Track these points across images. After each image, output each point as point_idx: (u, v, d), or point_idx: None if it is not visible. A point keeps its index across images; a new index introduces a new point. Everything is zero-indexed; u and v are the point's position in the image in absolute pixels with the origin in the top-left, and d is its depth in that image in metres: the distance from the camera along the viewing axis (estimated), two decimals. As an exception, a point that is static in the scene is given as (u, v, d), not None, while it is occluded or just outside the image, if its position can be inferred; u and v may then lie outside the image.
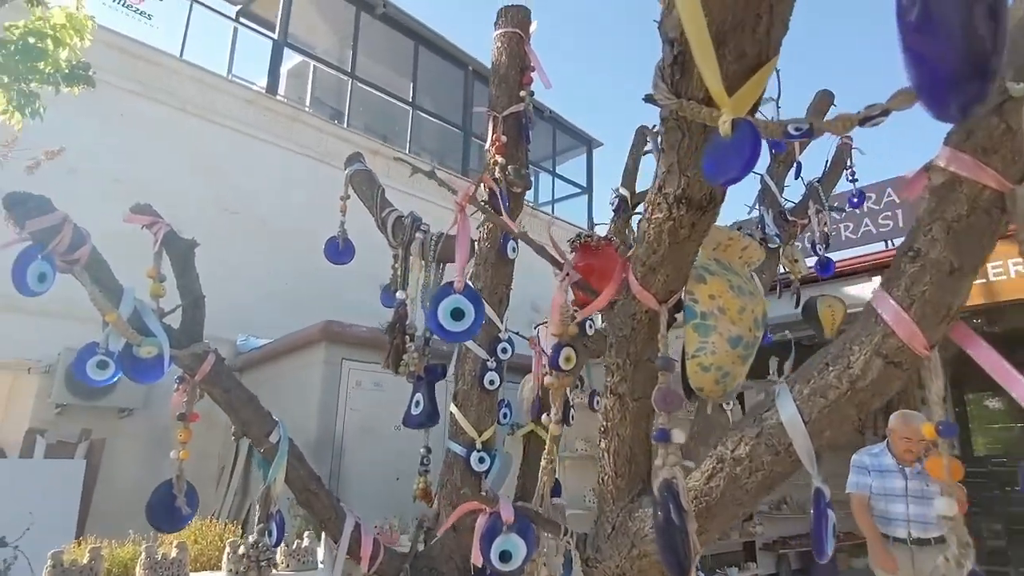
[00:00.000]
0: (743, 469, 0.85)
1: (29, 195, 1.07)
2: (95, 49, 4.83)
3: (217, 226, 7.18)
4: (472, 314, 1.12)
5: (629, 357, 0.97)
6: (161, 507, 1.33)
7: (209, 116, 7.49)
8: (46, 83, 4.20)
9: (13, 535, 3.49)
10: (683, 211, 0.79)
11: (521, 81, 1.97)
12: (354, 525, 1.61)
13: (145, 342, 1.24)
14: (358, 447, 6.00)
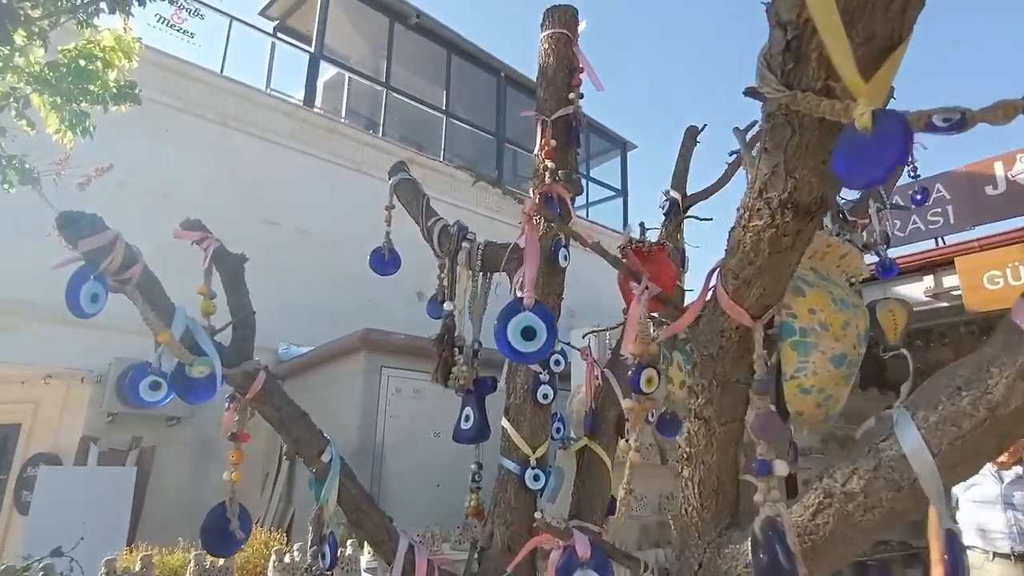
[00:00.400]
0: (857, 506, 0.75)
1: (81, 214, 1.04)
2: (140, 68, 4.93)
3: (258, 237, 7.28)
4: (544, 333, 1.04)
5: (716, 378, 0.87)
6: (215, 531, 1.29)
7: (249, 130, 7.61)
8: (96, 103, 4.29)
9: (67, 543, 3.54)
10: (788, 217, 0.70)
11: (570, 83, 1.89)
12: (408, 546, 1.54)
13: (197, 362, 1.19)
14: (398, 454, 5.99)
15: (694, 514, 0.95)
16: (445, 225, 2.06)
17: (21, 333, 5.98)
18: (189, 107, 7.23)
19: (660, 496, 6.19)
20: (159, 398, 1.19)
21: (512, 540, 1.67)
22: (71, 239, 1.01)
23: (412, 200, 2.15)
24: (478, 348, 1.97)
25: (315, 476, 1.45)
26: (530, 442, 1.75)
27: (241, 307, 1.37)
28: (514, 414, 1.78)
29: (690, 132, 2.49)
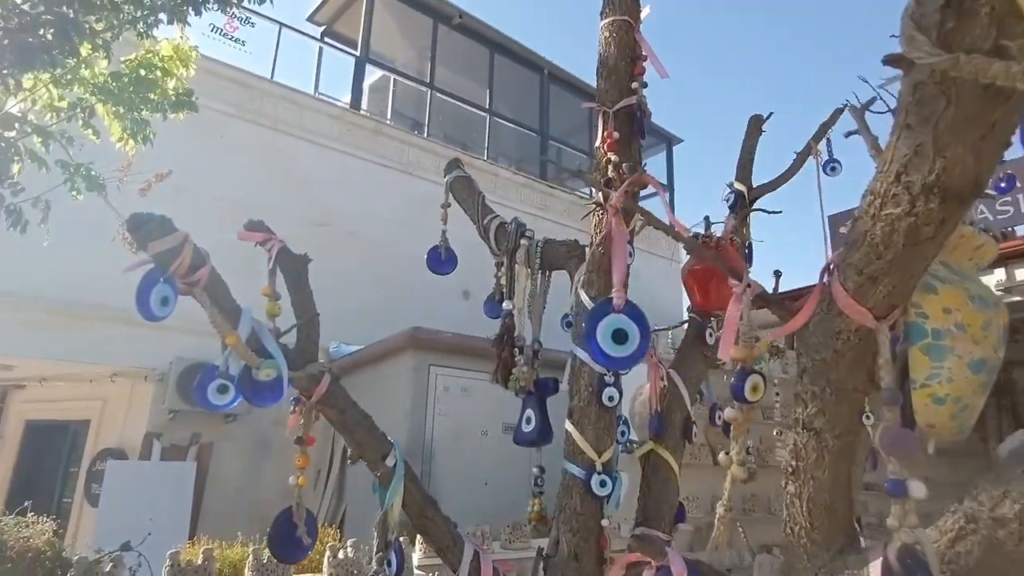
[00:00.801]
0: (1009, 534, 0.65)
1: (151, 215, 1.02)
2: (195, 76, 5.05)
3: (308, 239, 7.35)
4: (637, 336, 0.96)
5: (829, 386, 0.78)
6: (283, 538, 1.26)
7: (299, 133, 7.75)
8: (155, 111, 4.40)
9: (134, 535, 3.64)
10: (933, 204, 0.60)
11: (632, 72, 1.80)
12: (473, 553, 1.49)
13: (264, 365, 1.17)
14: (447, 452, 5.99)
15: (803, 535, 0.85)
16: (502, 223, 2.01)
17: (90, 334, 6.23)
18: (242, 113, 7.40)
19: (712, 497, 6.04)
20: (227, 401, 1.17)
21: (579, 548, 1.60)
22: (141, 241, 0.99)
23: (467, 198, 2.10)
24: (538, 348, 1.91)
25: (379, 480, 1.42)
26: (595, 446, 1.67)
27: (306, 308, 1.34)
28: (578, 417, 1.71)
29: (755, 121, 2.36)
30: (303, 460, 1.30)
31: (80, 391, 7.08)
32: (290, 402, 1.35)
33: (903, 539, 0.65)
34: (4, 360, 6.43)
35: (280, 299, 1.31)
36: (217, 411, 1.18)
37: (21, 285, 6.00)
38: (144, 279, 1.00)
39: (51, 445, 7.29)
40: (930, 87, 0.56)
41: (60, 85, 4.11)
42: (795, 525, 0.87)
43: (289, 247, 1.41)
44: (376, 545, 1.40)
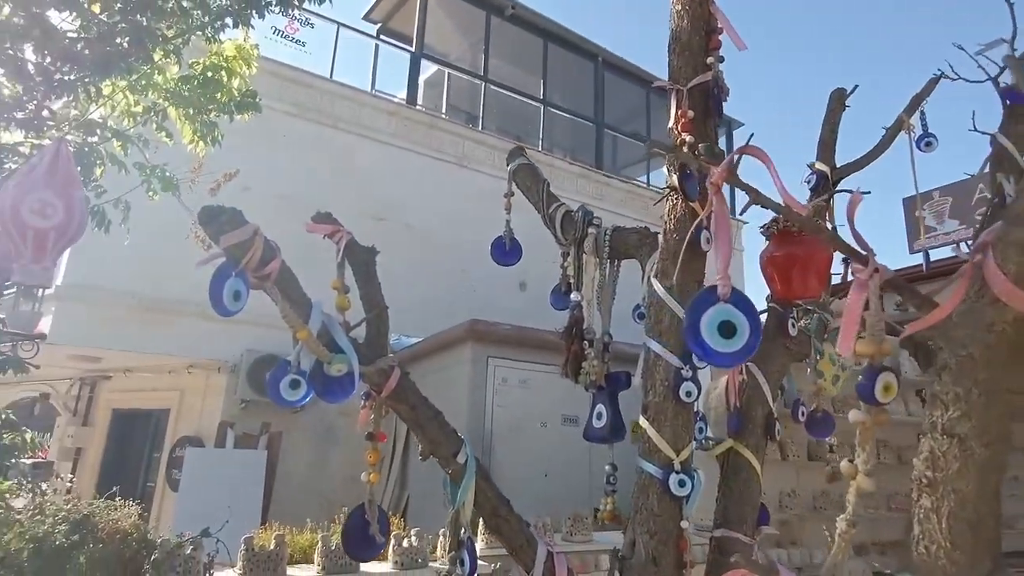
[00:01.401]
0: None
1: (222, 208, 1.00)
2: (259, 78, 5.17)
3: (368, 233, 7.43)
4: (746, 329, 0.86)
5: (977, 386, 0.67)
6: (356, 535, 1.24)
7: (357, 130, 7.87)
8: (222, 112, 4.52)
9: (211, 519, 3.77)
10: None
11: (707, 46, 1.68)
12: (547, 554, 1.42)
13: (335, 359, 1.13)
14: (506, 444, 5.97)
15: (941, 555, 0.74)
16: (569, 211, 1.93)
17: (168, 328, 6.53)
18: (302, 112, 7.57)
19: (781, 493, 5.79)
20: (299, 397, 1.15)
21: (657, 551, 1.51)
22: (213, 235, 0.97)
23: (532, 186, 2.03)
24: (608, 341, 1.82)
25: (450, 477, 1.37)
26: (673, 444, 1.58)
27: (375, 301, 1.30)
28: (654, 413, 1.62)
29: (837, 95, 2.18)
30: (374, 456, 1.26)
31: (160, 382, 7.46)
32: (359, 395, 1.32)
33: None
34: (92, 352, 6.83)
35: (349, 292, 1.27)
36: (290, 407, 1.16)
37: (107, 282, 6.35)
38: (216, 274, 0.98)
39: (136, 432, 7.71)
40: None
41: (136, 91, 4.27)
42: (931, 544, 0.76)
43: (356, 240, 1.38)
44: (448, 544, 1.35)
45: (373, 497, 1.28)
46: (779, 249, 1.73)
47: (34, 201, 2.19)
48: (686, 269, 1.61)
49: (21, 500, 3.48)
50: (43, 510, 3.46)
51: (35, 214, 2.18)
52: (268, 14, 4.37)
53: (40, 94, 3.49)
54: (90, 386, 7.95)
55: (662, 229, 1.69)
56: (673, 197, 1.64)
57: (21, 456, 4.10)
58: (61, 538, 3.42)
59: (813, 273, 1.74)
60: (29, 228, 2.17)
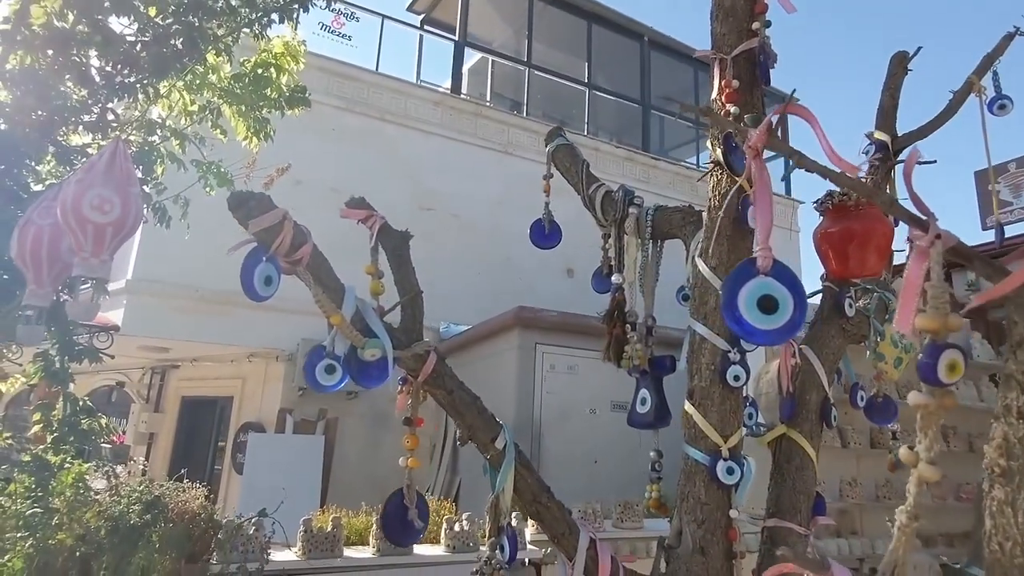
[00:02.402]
0: None
1: (251, 194, 1.00)
2: (307, 73, 5.25)
3: (416, 223, 7.53)
4: (790, 304, 0.80)
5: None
6: (395, 521, 1.24)
7: (403, 121, 7.93)
8: (273, 107, 4.62)
9: (272, 502, 3.90)
10: None
11: (752, 11, 1.57)
12: (589, 541, 1.39)
13: (368, 344, 1.13)
14: (555, 430, 5.95)
15: (1017, 552, 0.66)
16: (609, 191, 1.86)
17: (229, 318, 6.79)
18: (350, 105, 7.68)
19: (841, 482, 5.57)
20: (334, 382, 1.14)
21: (704, 540, 1.45)
22: (242, 220, 0.97)
23: (571, 167, 1.97)
24: (652, 324, 1.76)
25: (489, 463, 1.35)
26: (720, 430, 1.51)
27: (409, 285, 1.28)
28: (699, 398, 1.55)
29: (898, 59, 2.02)
30: (412, 441, 1.25)
31: (224, 370, 7.78)
32: (398, 381, 1.31)
33: None
34: (161, 343, 7.19)
35: (383, 277, 1.26)
36: (325, 391, 1.15)
37: (172, 275, 6.65)
38: (247, 259, 0.98)
39: (203, 418, 8.09)
40: None
41: (191, 90, 4.41)
42: (1006, 540, 0.68)
43: (399, 227, 1.37)
44: (488, 530, 1.33)
45: (412, 482, 1.28)
46: (834, 224, 1.62)
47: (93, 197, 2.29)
48: (732, 247, 1.53)
49: (100, 482, 3.69)
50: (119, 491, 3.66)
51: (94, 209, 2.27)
52: (312, 8, 4.43)
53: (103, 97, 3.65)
54: (160, 375, 8.38)
55: (706, 207, 1.61)
56: (717, 172, 1.56)
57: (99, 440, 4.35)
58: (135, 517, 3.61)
59: (872, 249, 1.63)
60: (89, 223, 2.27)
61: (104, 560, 3.40)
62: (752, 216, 1.53)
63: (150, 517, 3.67)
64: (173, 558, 3.47)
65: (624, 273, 1.75)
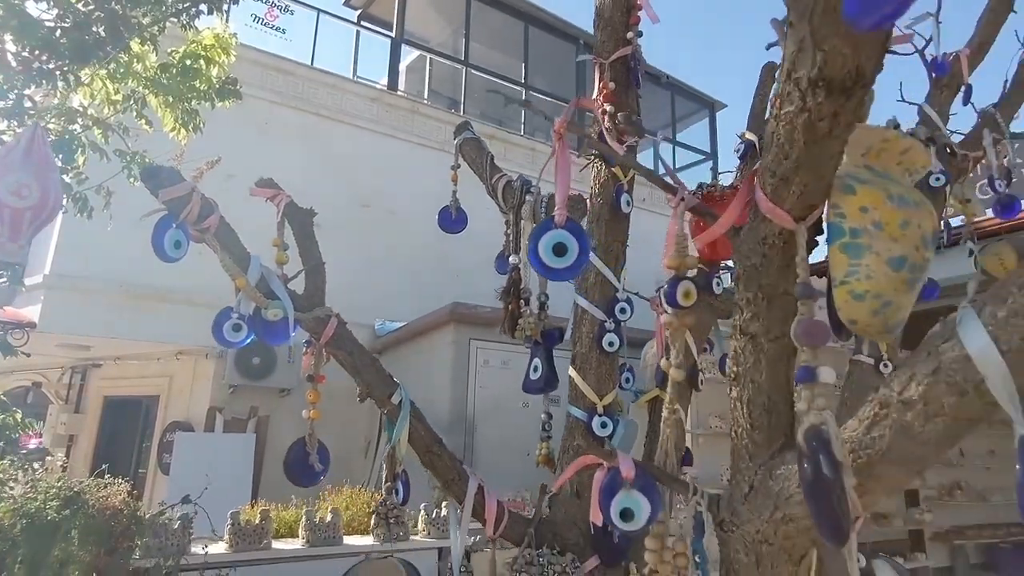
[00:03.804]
0: (916, 415, 0.68)
1: (161, 167, 1.14)
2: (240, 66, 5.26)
3: (353, 221, 7.64)
4: (575, 249, 1.03)
5: (761, 290, 0.82)
6: (297, 465, 1.40)
7: (339, 117, 7.97)
8: (203, 99, 4.63)
9: (204, 504, 3.92)
10: (821, 97, 0.64)
11: (627, 22, 1.82)
12: (477, 487, 1.59)
13: (271, 305, 1.29)
14: (488, 424, 6.15)
15: (744, 436, 0.90)
16: (509, 180, 2.07)
17: (155, 315, 6.67)
18: (284, 100, 7.66)
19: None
20: (240, 339, 1.30)
21: (580, 486, 1.68)
22: (153, 190, 1.11)
23: (477, 159, 2.17)
24: (545, 300, 1.97)
25: (387, 417, 1.53)
26: (597, 390, 1.74)
27: (312, 257, 1.45)
28: (580, 363, 1.78)
29: (768, 69, 2.32)
30: (314, 396, 1.42)
31: (150, 369, 7.60)
32: (303, 343, 1.47)
33: (811, 421, 0.69)
34: (82, 341, 6.97)
35: (288, 249, 1.42)
36: (232, 347, 1.31)
37: (94, 271, 6.48)
38: (158, 224, 1.13)
39: (127, 419, 7.87)
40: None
41: (115, 79, 4.37)
42: (738, 428, 0.92)
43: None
44: (385, 476, 1.51)
45: (313, 432, 1.44)
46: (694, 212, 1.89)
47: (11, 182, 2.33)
48: (608, 229, 1.77)
49: (19, 488, 3.62)
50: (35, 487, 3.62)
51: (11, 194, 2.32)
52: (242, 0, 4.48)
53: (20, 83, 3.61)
54: (81, 374, 8.10)
55: (590, 193, 1.84)
56: (597, 164, 1.79)
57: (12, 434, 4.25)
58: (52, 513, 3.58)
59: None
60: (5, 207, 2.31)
61: (20, 555, 3.37)
62: (625, 203, 1.78)
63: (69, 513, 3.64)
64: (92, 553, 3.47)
65: (520, 254, 1.96)
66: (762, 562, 0.86)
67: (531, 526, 1.63)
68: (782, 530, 0.83)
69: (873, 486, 0.76)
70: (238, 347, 1.32)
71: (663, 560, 0.86)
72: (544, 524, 1.67)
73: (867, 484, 0.75)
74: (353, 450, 7.36)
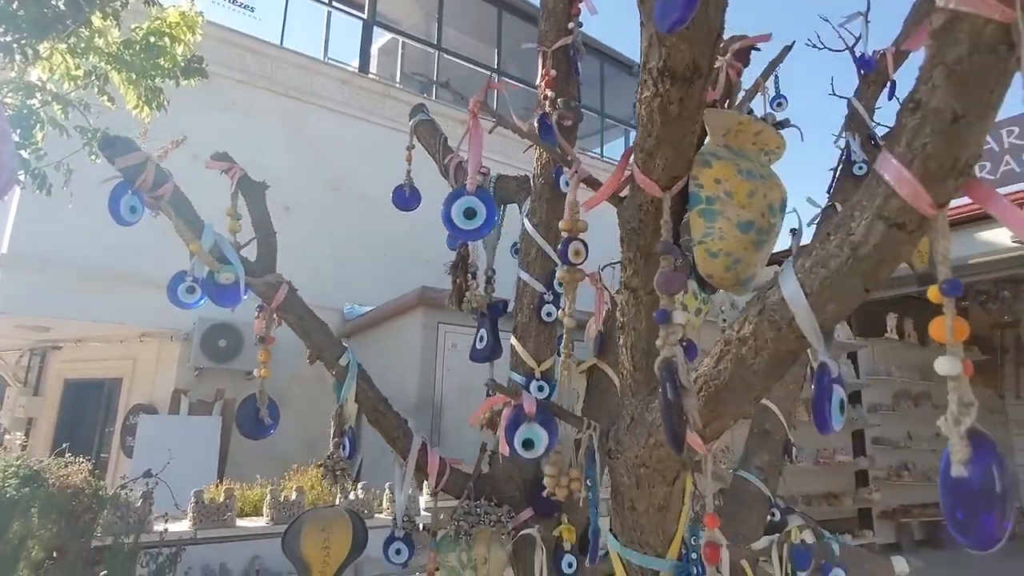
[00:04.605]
0: (748, 349, 0.85)
1: (118, 137, 1.25)
2: (207, 44, 5.27)
3: (323, 204, 7.69)
4: (483, 213, 1.18)
5: (639, 250, 0.98)
6: (248, 419, 1.53)
7: (309, 99, 7.98)
8: (167, 77, 4.64)
9: (162, 488, 3.98)
10: (668, 85, 0.78)
11: (569, 13, 1.96)
12: (421, 444, 1.73)
13: (223, 269, 1.41)
14: (455, 406, 6.30)
15: (628, 376, 1.06)
16: (460, 161, 2.20)
17: (118, 297, 6.65)
18: (253, 80, 7.65)
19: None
20: (194, 300, 1.42)
21: (518, 445, 1.83)
22: (110, 158, 1.22)
23: (431, 140, 2.30)
24: (491, 274, 2.12)
25: (336, 378, 1.66)
26: (535, 357, 1.89)
27: (264, 226, 1.57)
28: (521, 332, 1.93)
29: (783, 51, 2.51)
30: (265, 355, 1.54)
31: (112, 351, 7.58)
32: (256, 308, 1.59)
33: (664, 354, 0.85)
34: (41, 322, 6.93)
35: (241, 219, 1.54)
36: (187, 308, 1.43)
37: (54, 251, 6.44)
38: (114, 190, 1.24)
39: (88, 402, 7.84)
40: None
41: (76, 54, 4.36)
42: (624, 370, 1.08)
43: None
44: (333, 432, 1.65)
45: (263, 389, 1.57)
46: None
47: (-32, 153, 2.38)
48: (550, 208, 1.92)
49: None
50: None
51: (-31, 165, 2.37)
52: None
53: (-25, 56, 3.62)
54: (40, 356, 8.04)
55: (532, 174, 1.99)
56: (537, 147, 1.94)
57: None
58: (12, 491, 3.64)
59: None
60: (-38, 177, 2.37)
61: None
62: (564, 182, 1.92)
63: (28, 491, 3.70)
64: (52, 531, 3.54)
65: (469, 231, 2.11)
66: (641, 483, 1.02)
67: (471, 480, 1.79)
68: (655, 454, 0.99)
69: (722, 411, 0.92)
70: (192, 308, 1.44)
71: (560, 484, 1.02)
72: (483, 479, 1.82)
73: (717, 410, 0.92)
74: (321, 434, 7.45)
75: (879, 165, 0.75)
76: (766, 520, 2.01)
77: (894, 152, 0.73)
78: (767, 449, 2.12)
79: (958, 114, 0.68)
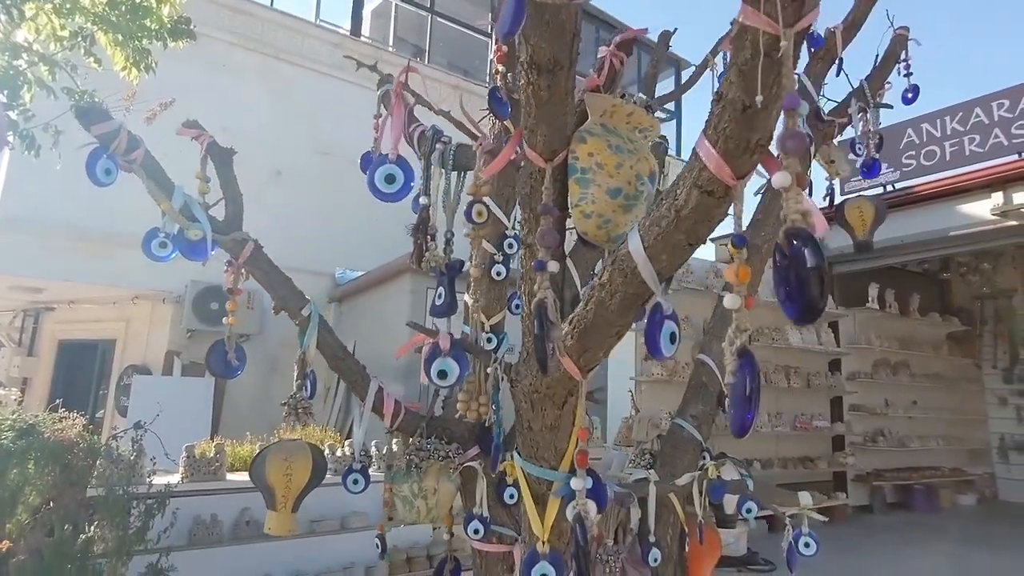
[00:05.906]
0: (606, 293, 1.06)
1: (93, 106, 1.44)
2: (196, 4, 5.38)
3: (313, 168, 7.85)
4: (402, 179, 1.39)
5: (531, 211, 1.18)
6: (217, 360, 1.76)
7: (300, 62, 8.07)
8: (154, 39, 4.76)
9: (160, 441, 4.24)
10: (536, 76, 0.98)
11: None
12: (378, 388, 1.96)
13: (192, 227, 1.62)
14: (443, 369, 6.57)
15: (527, 319, 1.28)
16: (423, 131, 2.39)
17: (110, 258, 6.88)
18: (243, 41, 7.74)
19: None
20: (166, 254, 1.64)
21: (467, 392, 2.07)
22: (85, 126, 1.42)
23: (397, 109, 2.49)
24: (450, 236, 2.33)
25: (299, 327, 1.88)
26: (486, 312, 2.11)
27: (231, 188, 1.78)
28: (473, 289, 2.15)
29: (663, 37, 2.66)
30: (233, 306, 1.77)
31: (105, 312, 7.85)
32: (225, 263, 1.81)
33: (539, 296, 1.06)
34: (34, 283, 7.18)
35: (210, 181, 1.75)
36: (160, 261, 1.64)
37: (47, 213, 6.64)
38: (91, 154, 1.44)
39: (83, 362, 8.15)
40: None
41: (61, 14, 4.48)
42: (524, 314, 1.30)
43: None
44: (296, 375, 1.88)
45: (232, 334, 1.80)
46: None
47: (-44, 114, 2.57)
48: (501, 176, 2.11)
49: None
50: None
51: (-43, 126, 2.56)
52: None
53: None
54: (34, 317, 8.32)
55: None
56: (492, 117, 2.13)
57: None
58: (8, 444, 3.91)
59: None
60: (-49, 138, 2.56)
61: (-25, 479, 3.71)
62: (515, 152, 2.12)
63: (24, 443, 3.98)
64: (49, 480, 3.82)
65: (430, 196, 2.31)
66: (535, 406, 1.24)
67: (423, 421, 2.02)
68: (545, 381, 1.21)
69: (591, 344, 1.14)
70: (164, 261, 1.65)
71: (470, 408, 1.24)
72: (436, 420, 2.05)
73: (586, 343, 1.14)
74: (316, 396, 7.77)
75: (697, 144, 0.95)
76: (698, 463, 2.26)
77: (705, 134, 0.93)
78: (702, 400, 2.35)
79: (747, 105, 0.88)
